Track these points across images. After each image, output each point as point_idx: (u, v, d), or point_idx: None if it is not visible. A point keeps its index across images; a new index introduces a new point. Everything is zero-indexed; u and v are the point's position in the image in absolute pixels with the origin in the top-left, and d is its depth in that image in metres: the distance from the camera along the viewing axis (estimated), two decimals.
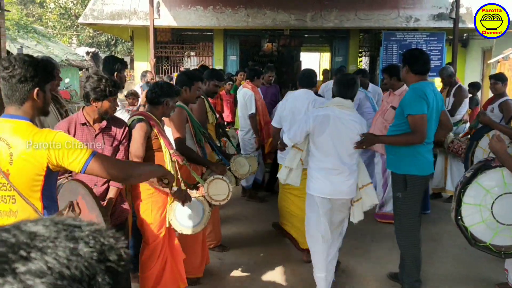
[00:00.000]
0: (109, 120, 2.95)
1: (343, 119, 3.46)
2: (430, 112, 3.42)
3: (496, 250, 2.68)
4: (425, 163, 3.52)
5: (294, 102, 4.32)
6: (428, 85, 3.55)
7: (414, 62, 3.55)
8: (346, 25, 9.97)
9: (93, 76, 2.84)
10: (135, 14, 10.00)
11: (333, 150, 3.46)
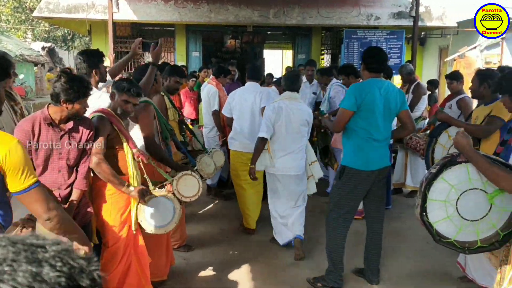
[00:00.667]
0: (76, 120, 2.81)
1: (293, 109, 4.27)
2: (370, 109, 3.54)
3: (460, 246, 2.72)
4: (364, 159, 3.62)
5: (242, 93, 4.92)
6: (376, 83, 3.61)
7: (369, 60, 3.68)
8: (308, 22, 10.02)
9: (64, 76, 2.67)
10: (93, 7, 9.68)
11: (287, 135, 4.27)
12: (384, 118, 3.62)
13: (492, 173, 2.42)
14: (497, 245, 2.67)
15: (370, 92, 3.55)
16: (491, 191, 2.57)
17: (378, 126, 3.60)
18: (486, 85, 3.83)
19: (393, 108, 3.64)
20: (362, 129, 3.61)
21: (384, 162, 3.74)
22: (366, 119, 3.57)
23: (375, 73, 3.66)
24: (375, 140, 3.63)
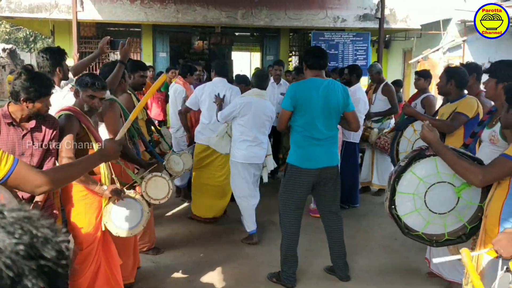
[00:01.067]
0: (38, 118, 2.70)
1: (259, 105, 4.66)
2: (307, 108, 3.60)
3: (428, 239, 2.76)
4: (304, 157, 3.69)
5: (212, 88, 5.09)
6: (314, 82, 3.66)
7: (307, 57, 3.77)
8: (276, 24, 10.05)
9: (24, 73, 2.54)
10: (56, 7, 9.41)
11: (255, 127, 4.64)
12: (324, 117, 3.63)
13: (459, 166, 2.47)
14: (464, 238, 2.73)
15: (306, 91, 3.61)
16: (458, 185, 2.63)
17: (316, 125, 3.62)
18: (453, 82, 3.91)
19: (334, 107, 3.65)
20: (301, 127, 3.67)
21: (327, 161, 3.73)
22: (304, 118, 3.62)
23: (315, 70, 3.71)
24: (314, 139, 3.65)
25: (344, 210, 5.69)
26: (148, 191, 3.18)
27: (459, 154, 2.54)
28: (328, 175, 3.77)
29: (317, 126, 3.63)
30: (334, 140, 3.81)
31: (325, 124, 3.65)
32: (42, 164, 2.77)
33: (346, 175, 5.65)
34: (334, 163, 3.82)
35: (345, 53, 9.81)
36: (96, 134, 3.06)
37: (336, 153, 3.88)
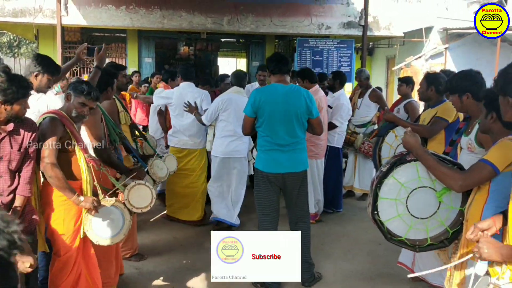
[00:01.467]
0: (17, 121, 2.67)
1: (239, 101, 4.91)
2: (267, 115, 3.62)
3: (410, 244, 2.78)
4: (267, 162, 3.73)
5: (180, 92, 5.25)
6: (276, 88, 3.69)
7: (269, 63, 3.82)
8: (262, 31, 10.11)
9: (2, 75, 2.50)
10: (40, 11, 9.34)
11: (237, 122, 4.72)
12: (285, 123, 3.63)
13: (440, 172, 2.51)
14: (446, 243, 2.76)
15: (266, 97, 3.63)
16: (439, 189, 2.66)
17: (277, 131, 3.63)
18: (433, 88, 3.99)
19: (295, 113, 3.64)
20: (263, 133, 3.70)
21: (291, 167, 3.71)
22: (265, 124, 3.65)
23: (278, 75, 3.73)
24: (277, 145, 3.67)
25: (328, 215, 5.75)
26: (131, 199, 3.13)
27: (440, 159, 2.58)
28: (292, 181, 3.75)
29: (278, 132, 3.64)
30: (298, 147, 3.76)
31: (287, 130, 3.65)
32: (21, 168, 2.74)
33: (330, 179, 5.71)
34: (299, 169, 3.78)
35: (329, 60, 9.89)
36: (80, 140, 3.04)
37: (302, 159, 3.82)
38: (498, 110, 2.36)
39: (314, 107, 3.73)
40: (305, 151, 3.88)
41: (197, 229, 5.30)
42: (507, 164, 2.30)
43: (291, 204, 3.89)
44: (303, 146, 3.84)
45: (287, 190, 3.82)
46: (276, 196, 3.83)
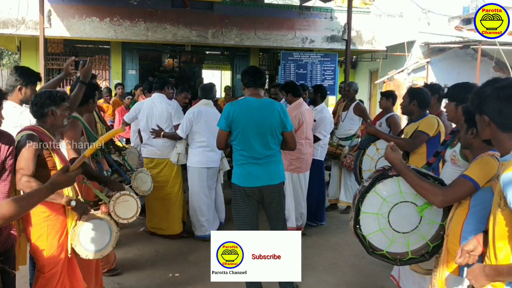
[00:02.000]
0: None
1: (208, 113, 5.18)
2: (240, 128, 3.59)
3: (392, 258, 2.79)
4: (244, 175, 3.69)
5: (150, 105, 5.36)
6: (249, 102, 3.68)
7: (243, 76, 3.81)
8: (246, 44, 10.18)
9: None
10: (23, 23, 9.27)
11: (209, 133, 5.05)
12: (259, 136, 3.62)
13: (421, 187, 2.53)
14: (427, 257, 2.78)
15: (239, 111, 3.61)
16: (421, 204, 2.68)
17: (252, 144, 3.62)
18: (415, 102, 4.04)
19: (269, 126, 3.64)
20: (238, 146, 3.67)
21: (267, 180, 3.71)
22: (239, 138, 3.62)
23: (252, 88, 3.73)
24: (252, 158, 3.65)
25: (311, 228, 5.75)
26: (117, 210, 3.11)
27: (421, 175, 2.61)
28: (269, 194, 3.74)
29: (253, 145, 3.62)
30: (273, 159, 3.75)
31: (261, 143, 3.64)
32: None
33: (313, 192, 5.72)
34: (276, 181, 3.77)
35: (313, 73, 9.99)
36: (61, 155, 3.00)
37: (278, 171, 3.80)
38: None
39: (288, 120, 3.74)
40: (281, 163, 3.86)
41: (180, 242, 5.25)
42: (487, 179, 2.33)
43: (270, 218, 3.88)
44: (279, 158, 3.83)
45: (265, 204, 3.80)
46: (255, 210, 3.80)
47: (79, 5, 9.48)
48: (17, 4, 9.12)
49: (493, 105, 1.94)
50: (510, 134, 1.95)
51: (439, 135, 3.88)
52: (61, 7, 9.37)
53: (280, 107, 3.74)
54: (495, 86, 1.96)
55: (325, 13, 10.61)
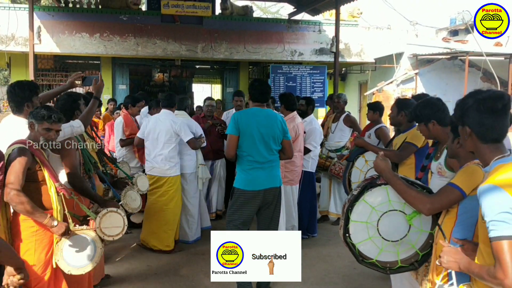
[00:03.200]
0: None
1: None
2: (247, 134, 3.99)
3: (382, 266, 2.80)
4: (249, 180, 4.03)
5: (157, 120, 5.41)
6: (255, 111, 4.11)
7: (253, 91, 4.20)
8: (235, 57, 10.25)
9: None
10: (13, 39, 9.28)
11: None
12: (264, 142, 4.01)
13: (409, 195, 2.56)
14: (416, 265, 2.80)
15: (248, 118, 4.03)
16: (409, 213, 2.70)
17: (258, 149, 4.00)
18: (403, 113, 4.09)
19: (272, 134, 4.05)
20: (245, 152, 4.02)
21: (270, 182, 4.08)
22: (247, 143, 3.99)
23: (258, 102, 4.16)
24: (257, 162, 4.01)
25: (302, 240, 5.74)
26: (103, 227, 3.08)
27: (409, 183, 2.64)
28: (271, 196, 4.09)
29: (259, 150, 4.00)
30: (275, 164, 4.15)
31: (266, 148, 4.03)
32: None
33: (304, 204, 5.73)
34: (277, 184, 4.15)
35: (303, 85, 10.07)
36: (50, 169, 2.99)
37: (277, 175, 4.19)
38: None
39: (287, 129, 4.20)
40: (279, 168, 4.26)
41: (171, 256, 5.22)
42: (473, 187, 2.35)
43: (266, 220, 4.17)
44: (278, 163, 4.23)
45: (265, 207, 4.10)
46: (253, 214, 4.11)
47: (69, 21, 9.52)
48: (7, 21, 9.13)
49: (474, 116, 1.98)
50: (490, 145, 1.98)
51: (427, 146, 3.91)
52: (50, 23, 9.40)
53: (281, 118, 4.24)
54: (477, 98, 1.99)
55: (313, 26, 10.74)
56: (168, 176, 5.33)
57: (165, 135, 5.28)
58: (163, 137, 5.28)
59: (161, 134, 5.29)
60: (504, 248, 1.67)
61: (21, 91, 3.29)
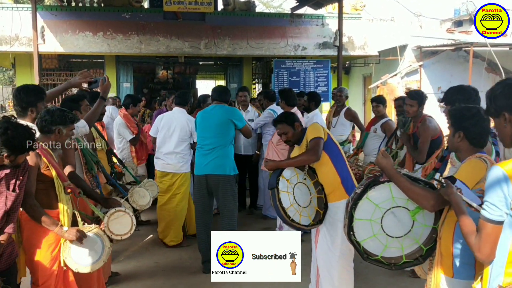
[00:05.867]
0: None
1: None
2: (200, 125, 4.67)
3: (387, 263, 2.83)
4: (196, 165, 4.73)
5: (170, 118, 5.43)
6: (208, 108, 4.86)
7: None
8: (239, 53, 10.24)
9: (11, 128, 2.47)
10: (17, 40, 9.33)
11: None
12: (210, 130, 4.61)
13: (412, 192, 2.57)
14: (421, 260, 2.81)
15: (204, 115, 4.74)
16: (412, 208, 2.72)
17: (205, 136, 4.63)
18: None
19: (213, 124, 4.61)
20: None
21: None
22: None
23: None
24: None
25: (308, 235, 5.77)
26: (111, 226, 3.13)
27: (412, 180, 2.65)
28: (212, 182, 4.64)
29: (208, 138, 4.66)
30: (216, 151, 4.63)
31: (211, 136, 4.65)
32: (13, 206, 2.72)
33: None
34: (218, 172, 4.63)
35: (306, 80, 10.05)
36: (58, 169, 3.03)
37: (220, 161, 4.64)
38: (465, 129, 2.45)
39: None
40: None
41: (179, 252, 5.28)
42: (476, 181, 2.36)
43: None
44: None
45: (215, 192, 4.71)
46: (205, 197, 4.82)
47: (72, 20, 9.55)
48: (10, 21, 9.17)
49: (507, 100, 1.97)
50: None
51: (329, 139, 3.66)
52: (54, 22, 9.43)
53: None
54: (506, 83, 2.03)
55: (316, 20, 10.70)
56: (181, 172, 5.40)
57: (180, 132, 5.33)
58: (178, 134, 5.34)
59: (176, 131, 5.34)
60: (488, 230, 1.87)
61: (26, 96, 3.29)
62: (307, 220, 3.59)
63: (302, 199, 3.59)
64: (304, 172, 3.65)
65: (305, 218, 3.59)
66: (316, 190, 3.66)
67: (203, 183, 4.63)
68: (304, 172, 3.65)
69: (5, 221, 2.70)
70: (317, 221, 3.63)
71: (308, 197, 3.61)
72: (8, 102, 23.53)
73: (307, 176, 3.66)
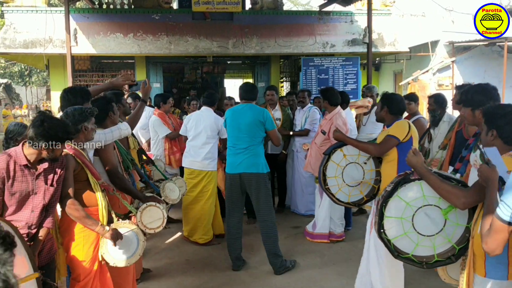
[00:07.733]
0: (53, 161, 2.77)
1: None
2: (231, 125, 4.75)
3: (418, 261, 2.80)
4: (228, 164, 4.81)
5: (198, 117, 5.64)
6: (237, 107, 4.88)
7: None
8: (266, 52, 10.24)
9: (47, 121, 2.57)
10: (50, 42, 9.59)
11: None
12: (240, 131, 4.67)
13: (443, 190, 2.54)
14: (453, 259, 2.77)
15: (232, 114, 4.80)
16: (445, 207, 2.68)
17: (236, 136, 4.71)
18: (386, 109, 3.94)
19: (245, 124, 4.66)
20: None
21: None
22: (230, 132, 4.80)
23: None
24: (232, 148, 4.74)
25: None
26: (143, 220, 3.25)
27: (443, 178, 2.61)
28: (247, 180, 4.74)
29: (238, 138, 4.74)
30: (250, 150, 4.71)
31: (243, 137, 4.71)
32: (51, 201, 2.83)
33: None
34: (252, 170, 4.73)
35: (335, 78, 9.96)
36: (92, 168, 3.12)
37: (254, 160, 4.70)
38: (499, 128, 2.40)
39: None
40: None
41: (210, 250, 5.34)
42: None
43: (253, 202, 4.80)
44: None
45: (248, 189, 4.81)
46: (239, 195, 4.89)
47: (103, 22, 9.75)
48: (44, 24, 9.44)
49: None
50: None
51: (410, 140, 3.75)
52: (86, 25, 9.65)
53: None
54: None
55: (345, 17, 10.59)
56: (208, 170, 5.51)
57: (209, 131, 5.49)
58: (207, 133, 5.49)
59: (205, 129, 5.50)
60: (497, 227, 2.01)
61: (74, 97, 3.42)
62: (345, 197, 4.01)
63: (350, 177, 3.99)
64: (367, 157, 3.97)
65: (343, 194, 4.00)
66: (373, 178, 3.98)
67: (236, 181, 4.70)
68: (368, 157, 3.97)
69: (44, 216, 2.80)
70: (356, 204, 4.10)
71: (359, 179, 3.98)
72: (43, 102, 24.24)
73: (369, 162, 3.99)
